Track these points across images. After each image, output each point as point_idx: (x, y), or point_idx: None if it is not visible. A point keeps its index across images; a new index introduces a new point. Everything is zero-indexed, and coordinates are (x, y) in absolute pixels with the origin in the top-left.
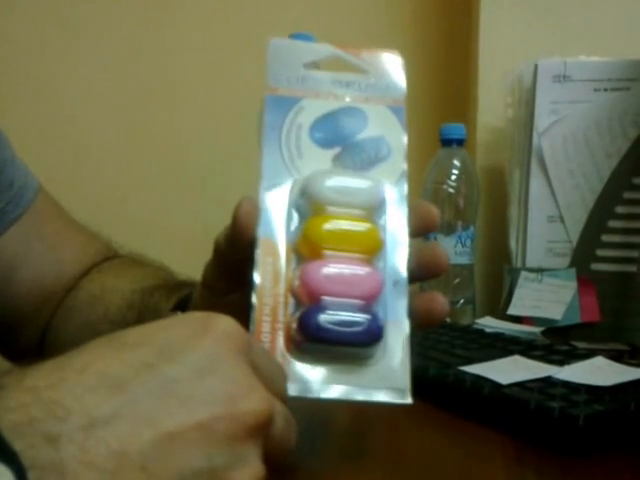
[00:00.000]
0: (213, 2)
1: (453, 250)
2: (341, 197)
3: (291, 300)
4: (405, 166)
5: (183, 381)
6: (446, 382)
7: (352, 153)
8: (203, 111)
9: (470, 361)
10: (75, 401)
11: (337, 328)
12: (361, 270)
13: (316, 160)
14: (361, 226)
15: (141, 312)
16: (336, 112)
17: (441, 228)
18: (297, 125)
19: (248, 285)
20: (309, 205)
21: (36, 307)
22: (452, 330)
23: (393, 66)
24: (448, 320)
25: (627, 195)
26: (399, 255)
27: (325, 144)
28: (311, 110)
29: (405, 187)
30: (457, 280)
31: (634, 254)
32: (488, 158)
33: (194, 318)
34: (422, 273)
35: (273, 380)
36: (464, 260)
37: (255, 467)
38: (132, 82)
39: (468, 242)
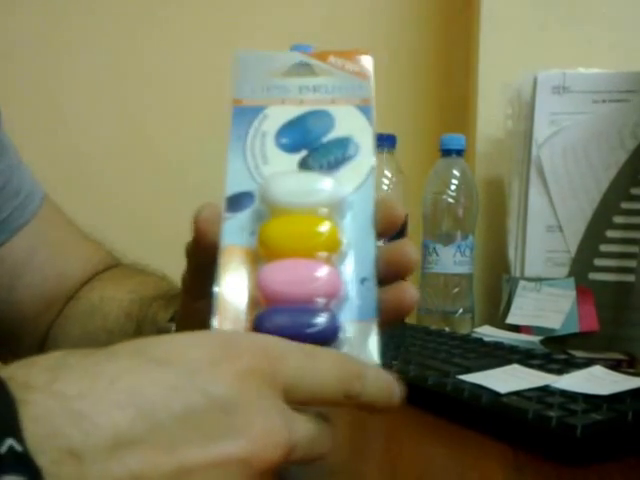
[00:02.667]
0: (212, 11)
1: (452, 259)
2: (298, 198)
3: (254, 304)
4: (373, 162)
5: (207, 413)
6: (445, 391)
7: (318, 155)
8: (203, 117)
9: (469, 370)
10: (103, 416)
11: (291, 329)
12: (318, 269)
13: (282, 165)
14: (318, 225)
15: (139, 322)
16: (302, 117)
17: (440, 238)
18: (262, 133)
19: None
20: (268, 209)
21: (37, 314)
22: (451, 339)
23: (362, 67)
24: (447, 329)
25: (625, 205)
26: (365, 253)
27: (291, 149)
28: (275, 117)
29: (372, 184)
30: (456, 289)
31: (632, 264)
32: (487, 168)
33: (220, 338)
34: (391, 271)
35: (313, 391)
36: (463, 269)
37: None
38: (131, 85)
39: (467, 252)
